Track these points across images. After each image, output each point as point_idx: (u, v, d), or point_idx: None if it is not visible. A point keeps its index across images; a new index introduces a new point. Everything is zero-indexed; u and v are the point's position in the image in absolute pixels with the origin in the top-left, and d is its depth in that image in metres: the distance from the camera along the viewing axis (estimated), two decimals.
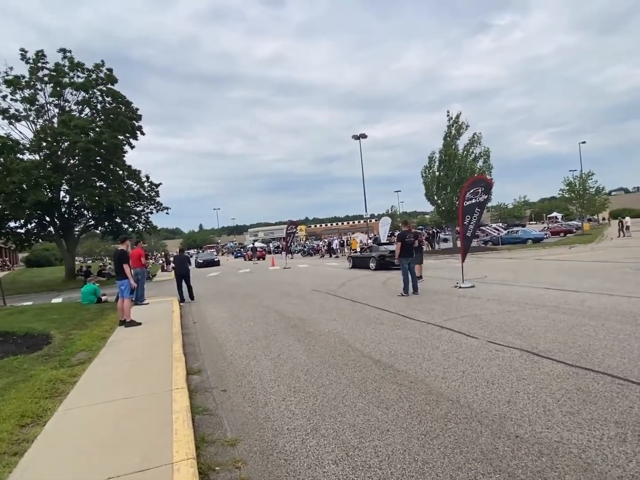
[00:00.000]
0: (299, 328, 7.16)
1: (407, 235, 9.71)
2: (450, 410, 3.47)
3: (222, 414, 3.86)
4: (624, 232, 30.80)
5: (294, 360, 5.28)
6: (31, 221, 23.58)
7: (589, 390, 3.61)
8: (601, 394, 3.52)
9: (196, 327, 8.17)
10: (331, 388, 4.22)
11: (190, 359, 5.81)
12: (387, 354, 5.18)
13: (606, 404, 3.32)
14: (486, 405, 3.50)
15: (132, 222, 25.95)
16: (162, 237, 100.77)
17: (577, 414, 3.20)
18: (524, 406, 3.41)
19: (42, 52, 22.25)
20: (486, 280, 11.28)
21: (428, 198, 27.28)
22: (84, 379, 4.85)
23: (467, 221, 9.95)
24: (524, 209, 77.76)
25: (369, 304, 8.87)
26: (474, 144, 26.02)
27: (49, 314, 10.12)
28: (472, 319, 6.63)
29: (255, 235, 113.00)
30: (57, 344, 6.81)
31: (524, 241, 29.35)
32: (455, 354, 4.93)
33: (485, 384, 3.96)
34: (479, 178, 9.91)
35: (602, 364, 4.20)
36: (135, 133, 24.58)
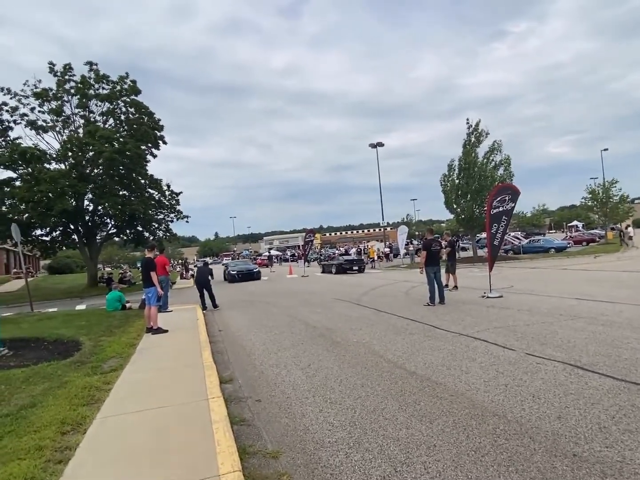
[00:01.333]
0: (325, 337, 7.08)
1: (433, 244, 9.55)
2: (498, 425, 3.34)
3: (259, 425, 3.80)
4: (627, 242, 29.45)
5: (326, 371, 5.20)
6: (56, 229, 24.16)
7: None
8: None
9: (222, 335, 8.16)
10: (368, 400, 4.12)
11: (221, 368, 5.77)
12: (422, 365, 5.06)
13: None
14: (535, 420, 3.36)
15: (152, 230, 26.34)
16: (179, 245, 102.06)
17: (637, 432, 3.03)
18: (577, 423, 3.26)
19: (69, 65, 23.01)
20: (513, 290, 11.01)
21: (447, 206, 26.95)
22: (117, 386, 4.86)
23: (495, 230, 9.76)
24: (543, 218, 76.31)
25: (395, 314, 8.73)
26: (494, 152, 25.66)
27: (77, 321, 10.26)
28: (505, 330, 6.45)
29: (270, 244, 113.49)
30: (88, 351, 6.87)
31: (546, 250, 28.72)
32: (494, 367, 4.78)
33: (531, 398, 3.81)
34: (505, 186, 9.74)
35: None
36: (158, 143, 25.07)
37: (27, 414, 4.01)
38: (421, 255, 9.62)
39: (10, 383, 5.08)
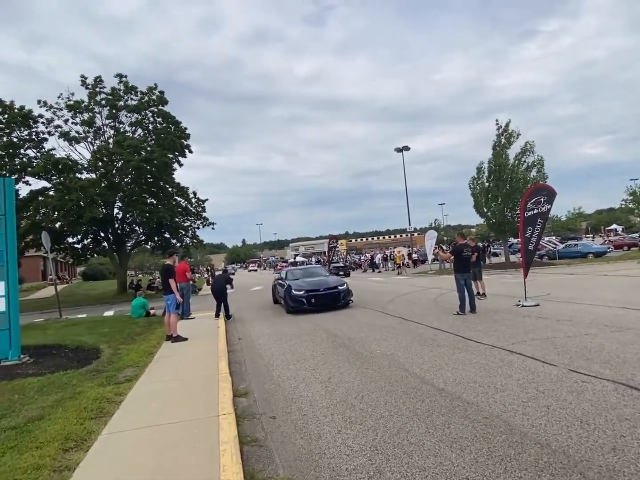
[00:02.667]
0: (348, 348, 6.73)
1: (464, 249, 9.03)
2: (541, 456, 2.90)
3: (272, 446, 3.49)
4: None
5: (346, 385, 4.85)
6: (87, 237, 24.90)
7: None
8: None
9: (241, 344, 7.93)
10: (392, 420, 3.75)
11: (237, 379, 5.53)
12: (452, 381, 4.63)
13: None
14: (585, 451, 2.90)
15: (180, 237, 26.74)
16: (207, 251, 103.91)
17: None
18: (637, 456, 2.78)
19: (99, 77, 23.83)
20: (550, 298, 10.31)
21: (477, 210, 26.06)
22: (129, 398, 4.68)
23: (529, 233, 9.14)
24: (579, 221, 73.08)
25: (422, 323, 8.28)
26: (526, 153, 24.66)
27: (100, 327, 10.32)
28: (544, 343, 5.90)
29: (296, 250, 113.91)
30: (106, 359, 6.79)
31: (584, 255, 27.25)
32: (534, 385, 4.29)
33: (579, 424, 3.34)
34: (540, 186, 9.13)
35: None
36: (184, 151, 25.51)
37: (33, 427, 3.86)
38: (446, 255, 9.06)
39: (25, 392, 5.00)
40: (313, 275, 12.98)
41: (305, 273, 13.54)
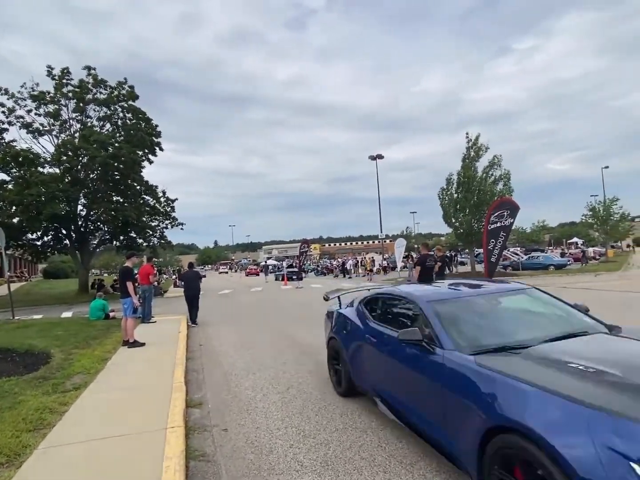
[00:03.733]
0: (311, 356, 6.66)
1: (428, 259, 9.19)
2: None
3: (220, 461, 3.38)
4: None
5: (305, 396, 4.78)
6: (48, 233, 23.77)
7: None
8: None
9: (202, 351, 7.72)
10: (346, 434, 3.70)
11: (192, 388, 5.36)
12: None
13: None
14: None
15: (147, 237, 25.95)
16: (177, 252, 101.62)
17: None
18: None
19: (67, 69, 22.87)
20: None
21: (446, 220, 26.65)
22: (74, 408, 4.43)
23: (492, 245, 9.39)
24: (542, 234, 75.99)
25: None
26: (494, 166, 25.43)
27: (54, 330, 9.81)
28: None
29: (269, 253, 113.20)
30: (56, 365, 6.44)
31: (546, 267, 28.31)
32: None
33: None
34: (504, 201, 9.41)
35: None
36: (154, 149, 24.82)
37: None
38: (415, 271, 9.22)
39: None
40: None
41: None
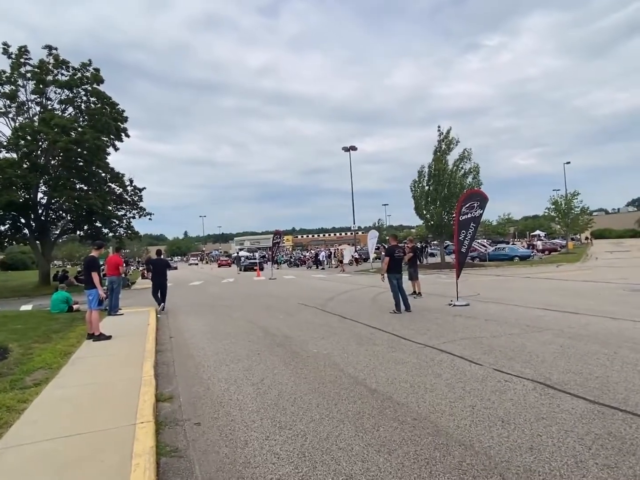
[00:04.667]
0: (284, 347, 6.58)
1: (396, 250, 9.31)
2: (465, 457, 2.94)
3: (193, 456, 3.25)
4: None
5: (280, 387, 4.70)
6: (4, 222, 22.43)
7: (622, 435, 3.12)
8: (638, 440, 3.03)
9: (172, 343, 7.49)
10: (322, 424, 3.65)
11: (163, 382, 5.17)
12: (384, 381, 4.64)
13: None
14: (505, 452, 2.99)
15: (112, 227, 24.98)
16: (145, 243, 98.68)
17: (617, 468, 2.70)
18: (551, 456, 2.90)
19: (25, 47, 21.40)
20: (480, 298, 10.87)
21: (417, 212, 27.04)
22: (34, 405, 4.18)
23: (463, 236, 9.56)
24: (507, 226, 78.60)
25: (359, 321, 8.34)
26: (464, 160, 25.94)
27: (12, 324, 9.30)
28: (472, 342, 6.15)
29: (241, 244, 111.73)
30: (13, 360, 6.08)
31: (511, 258, 29.32)
32: (461, 384, 4.41)
33: (500, 423, 3.45)
34: (474, 192, 9.58)
35: (628, 401, 3.74)
36: (120, 135, 23.77)
37: None
38: (383, 262, 9.30)
39: None
40: None
41: None
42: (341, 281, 19.77)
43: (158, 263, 11.85)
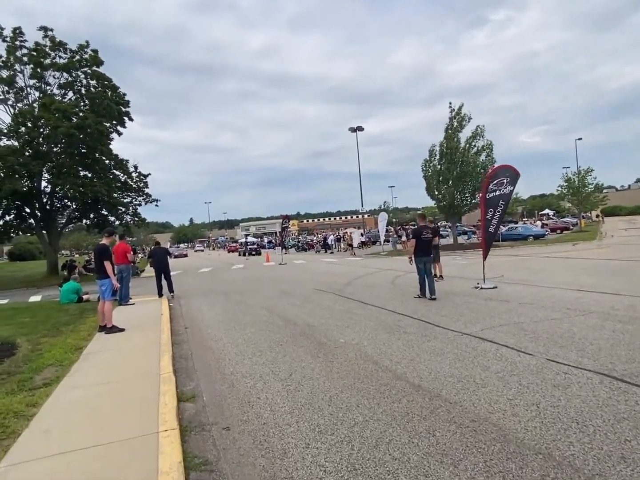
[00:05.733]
0: (308, 337, 6.15)
1: (424, 230, 8.60)
2: (547, 470, 2.50)
3: (226, 470, 2.84)
4: None
5: (311, 383, 4.27)
6: (9, 212, 22.10)
7: None
8: None
9: (188, 334, 7.11)
10: (367, 428, 3.22)
11: (182, 379, 4.77)
12: (427, 375, 4.20)
13: None
14: (594, 463, 2.53)
15: (119, 215, 24.58)
16: (151, 230, 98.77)
17: None
18: None
19: (20, 29, 20.60)
20: (505, 280, 10.36)
21: (428, 192, 26.36)
22: (44, 410, 3.79)
23: (490, 215, 8.99)
24: (515, 206, 77.45)
25: (383, 307, 7.89)
26: (476, 137, 25.10)
27: (21, 316, 8.98)
28: (513, 329, 5.68)
29: (246, 230, 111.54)
30: (22, 357, 5.72)
31: (525, 238, 28.66)
32: (515, 378, 3.96)
33: (576, 425, 2.99)
34: (504, 167, 8.95)
35: None
36: (123, 119, 23.14)
37: None
38: (409, 244, 8.67)
39: None
40: None
41: None
42: (354, 265, 19.33)
43: (158, 252, 12.25)
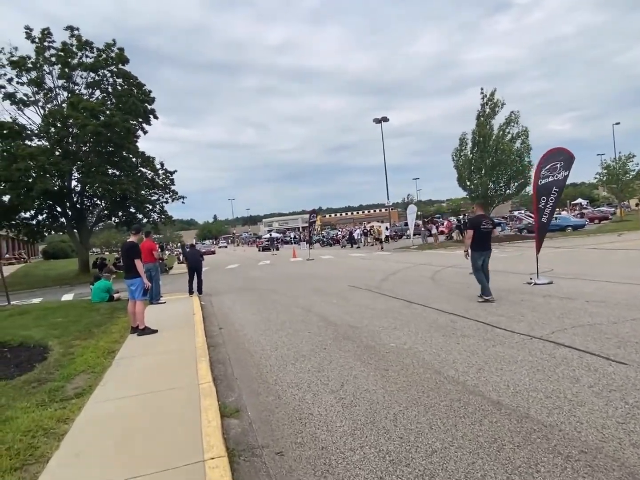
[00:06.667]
0: (353, 340, 5.63)
1: (483, 221, 7.46)
2: None
3: None
4: None
5: (368, 396, 3.75)
6: (42, 212, 22.49)
7: None
8: None
9: (223, 336, 6.70)
10: (451, 458, 2.67)
11: (223, 388, 4.33)
12: (505, 389, 3.60)
13: None
14: None
15: (146, 212, 24.69)
16: (177, 228, 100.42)
17: None
18: None
19: (48, 29, 20.79)
20: (557, 274, 9.55)
21: (460, 183, 25.34)
22: (76, 427, 3.40)
23: (543, 204, 8.22)
24: None
25: (429, 306, 7.28)
26: (510, 124, 23.90)
27: (53, 317, 8.81)
28: (591, 331, 4.98)
29: (269, 226, 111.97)
30: (53, 362, 5.43)
31: (563, 228, 27.21)
32: (616, 394, 3.32)
33: None
34: (557, 150, 8.13)
35: None
36: (148, 117, 23.12)
37: None
38: (466, 237, 7.75)
39: None
40: None
41: None
42: (384, 260, 18.68)
43: (194, 253, 12.38)
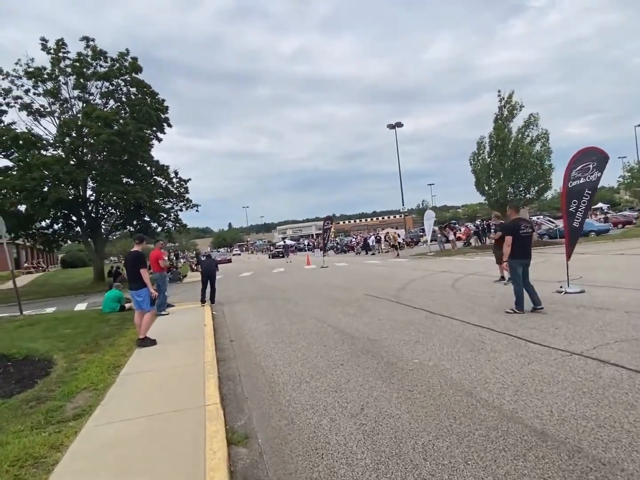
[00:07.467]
0: (373, 355, 5.22)
1: (522, 225, 6.77)
2: None
3: None
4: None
5: (392, 423, 3.34)
6: (57, 221, 22.69)
7: None
8: None
9: (234, 349, 6.37)
10: None
11: (231, 409, 3.99)
12: (549, 416, 3.15)
13: None
14: None
15: (161, 221, 24.72)
16: (192, 236, 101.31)
17: None
18: None
19: (62, 40, 21.11)
20: (587, 282, 8.96)
21: (478, 188, 24.71)
22: (69, 456, 3.09)
23: (574, 207, 7.70)
24: None
25: (454, 317, 6.82)
26: (529, 126, 23.24)
27: (62, 327, 8.63)
28: (638, 347, 4.48)
29: (284, 233, 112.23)
30: (56, 377, 5.17)
31: (586, 234, 26.25)
32: None
33: None
34: (589, 150, 7.62)
35: None
36: (162, 126, 23.23)
37: None
38: (505, 243, 6.73)
39: None
40: None
41: None
42: (401, 267, 18.18)
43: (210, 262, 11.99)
